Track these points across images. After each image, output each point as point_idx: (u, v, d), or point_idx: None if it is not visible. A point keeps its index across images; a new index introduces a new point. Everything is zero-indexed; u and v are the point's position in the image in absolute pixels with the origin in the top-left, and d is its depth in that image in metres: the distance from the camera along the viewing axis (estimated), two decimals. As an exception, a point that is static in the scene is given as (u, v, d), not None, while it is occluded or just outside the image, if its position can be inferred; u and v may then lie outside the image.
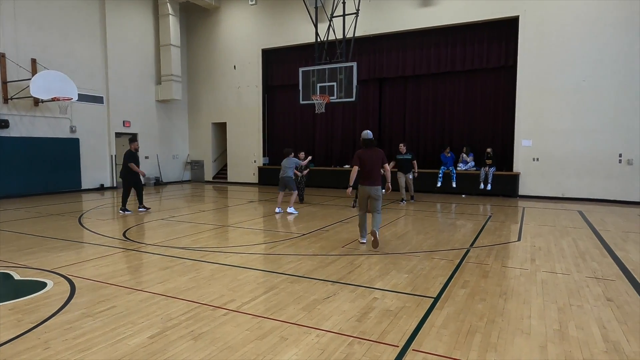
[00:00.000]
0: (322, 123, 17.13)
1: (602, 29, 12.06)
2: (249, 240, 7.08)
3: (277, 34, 17.07)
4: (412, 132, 15.67)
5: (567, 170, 12.70)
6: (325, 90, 12.40)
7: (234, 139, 18.54)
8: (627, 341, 3.38)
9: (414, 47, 14.96)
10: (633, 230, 8.07)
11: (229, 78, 18.41)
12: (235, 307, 4.05)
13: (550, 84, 12.78)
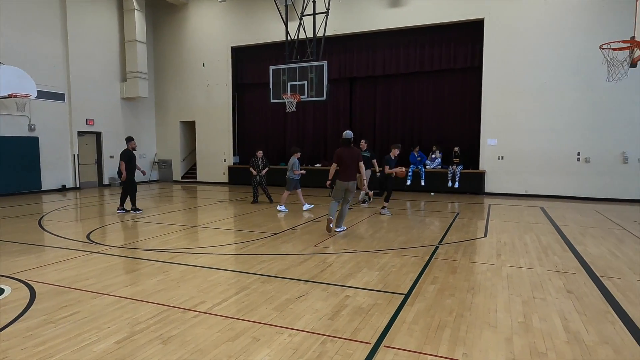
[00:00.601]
0: (293, 122, 17.09)
1: (563, 33, 12.58)
2: (220, 241, 6.98)
3: (247, 31, 16.89)
4: (382, 131, 15.86)
5: (530, 168, 13.18)
6: (296, 89, 12.38)
7: (204, 137, 18.22)
8: (586, 331, 3.54)
9: (384, 47, 15.14)
10: (590, 225, 8.46)
11: (198, 76, 18.07)
12: (206, 308, 3.98)
13: (514, 85, 13.22)
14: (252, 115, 17.77)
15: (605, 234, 7.58)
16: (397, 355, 3.10)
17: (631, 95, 11.89)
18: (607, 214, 9.85)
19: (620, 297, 4.37)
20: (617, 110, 12.15)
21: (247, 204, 11.31)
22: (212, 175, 18.13)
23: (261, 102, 16.63)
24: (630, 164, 12.16)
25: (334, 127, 16.54)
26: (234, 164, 17.62)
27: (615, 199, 12.27)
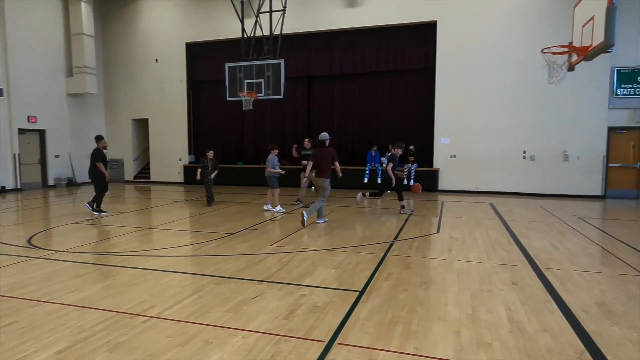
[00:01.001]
0: (250, 120, 16.88)
1: (509, 38, 13.20)
2: (173, 242, 6.78)
3: (202, 27, 16.49)
4: (340, 130, 15.99)
5: (480, 165, 13.75)
6: (253, 86, 12.24)
7: (157, 136, 17.63)
8: (528, 320, 3.73)
9: (341, 46, 15.26)
10: (535, 220, 8.95)
11: (151, 72, 17.45)
12: (156, 313, 3.85)
13: (465, 86, 13.74)
14: (209, 113, 17.39)
15: (547, 228, 8.03)
16: (350, 352, 3.14)
17: (571, 97, 12.67)
18: (549, 209, 10.45)
19: (559, 286, 4.64)
20: (558, 111, 12.92)
21: (204, 204, 11.04)
22: (166, 175, 17.58)
23: (218, 100, 16.28)
24: (570, 161, 12.96)
25: (292, 126, 16.51)
26: (189, 163, 17.17)
27: (557, 195, 13.05)
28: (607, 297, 4.34)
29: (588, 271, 5.25)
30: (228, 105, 15.44)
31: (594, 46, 6.02)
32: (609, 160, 12.96)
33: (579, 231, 7.78)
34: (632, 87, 12.55)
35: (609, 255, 6.09)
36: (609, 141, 12.88)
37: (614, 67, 12.57)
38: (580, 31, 6.68)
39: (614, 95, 12.68)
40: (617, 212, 10.52)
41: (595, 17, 6.02)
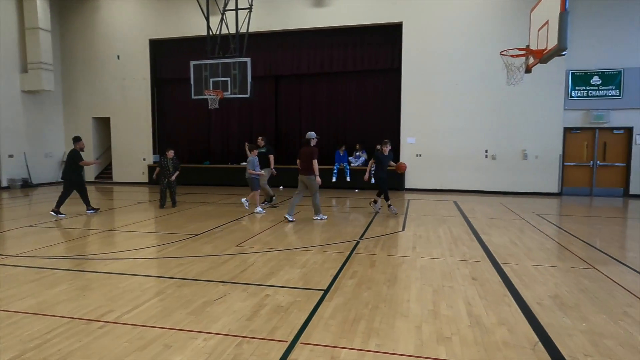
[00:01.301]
0: (217, 119, 16.62)
1: (471, 40, 13.58)
2: (135, 245, 6.58)
3: (166, 24, 16.09)
4: (308, 129, 15.93)
5: (445, 164, 14.08)
6: (219, 85, 12.06)
7: (120, 135, 17.07)
8: (486, 314, 3.85)
9: (309, 46, 15.26)
10: (496, 217, 9.25)
11: (113, 69, 16.87)
12: (113, 318, 3.72)
13: (430, 86, 14.03)
14: (174, 111, 16.99)
15: (507, 225, 8.32)
16: (312, 351, 3.14)
17: (529, 98, 13.17)
18: (510, 206, 10.83)
19: (516, 281, 4.81)
20: (518, 112, 13.41)
21: (168, 204, 10.77)
22: (129, 175, 17.05)
23: (183, 98, 15.92)
24: (529, 160, 13.48)
25: (260, 125, 16.37)
26: (154, 163, 16.71)
27: (517, 192, 13.54)
28: (561, 290, 4.53)
29: (544, 265, 5.47)
30: (194, 104, 15.15)
31: (549, 49, 6.28)
32: (564, 159, 13.57)
33: (537, 227, 8.09)
34: (586, 89, 13.18)
35: (564, 250, 6.37)
36: (564, 141, 13.48)
37: (569, 70, 13.16)
38: (536, 35, 6.96)
39: (569, 97, 13.28)
40: (572, 208, 11.02)
41: (549, 21, 6.28)
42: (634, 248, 6.79)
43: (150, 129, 16.77)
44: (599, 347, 3.21)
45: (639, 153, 13.02)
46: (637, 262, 5.73)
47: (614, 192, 13.39)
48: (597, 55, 13.01)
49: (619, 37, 12.83)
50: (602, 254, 6.08)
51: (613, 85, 12.98)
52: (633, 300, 4.21)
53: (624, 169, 13.34)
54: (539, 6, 6.97)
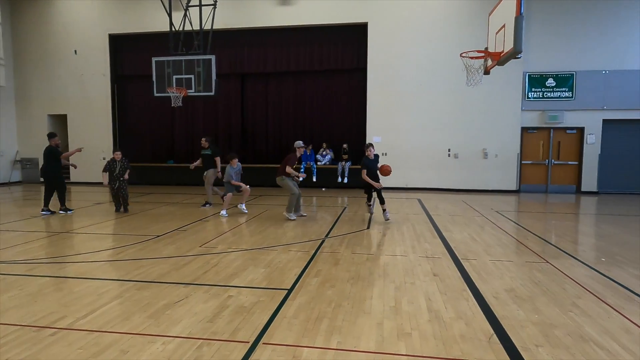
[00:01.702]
0: (181, 118, 16.25)
1: (434, 41, 13.89)
2: (93, 247, 6.33)
3: (127, 19, 15.56)
4: (275, 128, 15.92)
5: (409, 163, 14.34)
6: (182, 82, 11.79)
7: (78, 133, 16.36)
8: (445, 309, 3.95)
9: (275, 44, 15.16)
10: (458, 214, 9.52)
11: (69, 64, 16.16)
12: (67, 324, 3.57)
13: (394, 86, 14.25)
14: (136, 109, 16.47)
15: (468, 221, 8.58)
16: (274, 351, 3.12)
17: (489, 99, 13.62)
18: (471, 204, 11.17)
19: (475, 276, 4.97)
20: (478, 112, 13.83)
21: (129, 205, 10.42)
22: (88, 175, 16.36)
23: (145, 95, 15.43)
24: (489, 159, 13.95)
25: (225, 123, 16.14)
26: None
27: (478, 190, 13.98)
28: (515, 283, 4.72)
29: (501, 260, 5.67)
30: (157, 101, 14.73)
31: (506, 52, 6.51)
32: (522, 158, 14.13)
33: (496, 224, 8.39)
34: (541, 91, 13.77)
35: (520, 245, 6.64)
36: (522, 140, 14.04)
37: (526, 72, 13.70)
38: (494, 38, 7.20)
39: (526, 98, 13.82)
40: (529, 205, 11.50)
41: (506, 25, 6.51)
42: (585, 242, 7.17)
43: (110, 126, 16.18)
44: (549, 337, 3.37)
45: (590, 152, 13.73)
46: (587, 255, 6.05)
47: (568, 189, 14.06)
48: (552, 58, 13.61)
49: (572, 42, 13.47)
50: (555, 249, 6.37)
51: (566, 87, 13.62)
52: (582, 292, 4.44)
53: (577, 167, 14.03)
54: (496, 10, 7.21)
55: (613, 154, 13.65)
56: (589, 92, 13.47)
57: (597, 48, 13.37)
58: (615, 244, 6.70)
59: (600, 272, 5.17)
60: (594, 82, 13.42)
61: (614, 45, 13.28)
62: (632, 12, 13.13)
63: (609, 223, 8.74)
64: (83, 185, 15.87)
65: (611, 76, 13.33)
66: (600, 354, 3.10)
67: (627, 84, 13.21)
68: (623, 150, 13.68)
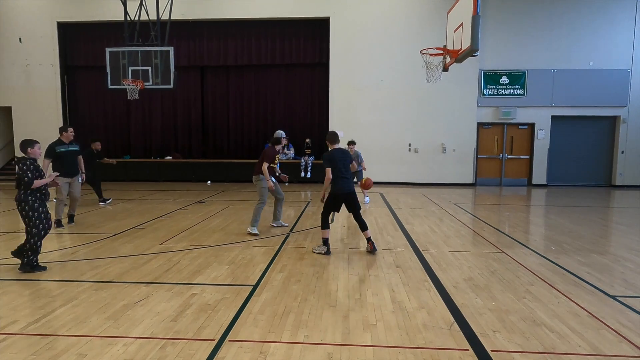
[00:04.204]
0: (138, 111, 15.67)
1: (394, 38, 14.12)
2: (44, 247, 5.97)
3: (77, 6, 14.75)
4: (237, 122, 15.68)
5: (372, 157, 14.46)
6: (139, 74, 11.37)
7: (24, 127, 15.37)
8: (408, 299, 4.06)
9: (236, 37, 14.89)
10: (418, 207, 9.77)
11: (13, 53, 15.15)
12: (17, 329, 3.37)
13: (356, 82, 14.39)
14: (88, 102, 15.71)
15: (428, 214, 8.83)
16: (241, 347, 3.10)
17: (447, 95, 14.03)
18: (430, 197, 11.50)
19: (435, 266, 5.13)
20: (437, 108, 14.23)
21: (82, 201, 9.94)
22: (37, 171, 15.48)
23: (99, 87, 14.77)
24: (447, 153, 14.40)
25: (184, 117, 15.73)
26: (66, 158, 15.33)
27: (437, 183, 14.41)
28: (473, 273, 4.92)
29: (459, 251, 5.89)
30: (111, 94, 14.18)
31: (463, 50, 6.73)
32: (478, 152, 14.69)
33: (454, 216, 8.69)
34: (496, 88, 14.34)
35: (477, 236, 6.91)
36: (478, 135, 14.58)
37: (482, 70, 14.22)
38: (452, 36, 7.42)
39: (481, 95, 14.36)
40: (485, 197, 11.99)
41: (463, 23, 6.72)
42: (535, 232, 7.56)
43: (59, 120, 15.32)
44: (505, 323, 3.54)
45: (540, 147, 14.47)
46: (538, 245, 6.39)
47: (520, 182, 14.77)
48: (505, 56, 14.20)
49: (524, 41, 14.10)
50: (509, 239, 6.69)
51: (518, 85, 14.26)
52: (534, 279, 4.69)
53: (528, 161, 14.76)
54: (454, 8, 7.42)
55: (561, 149, 14.47)
56: (539, 89, 14.17)
57: (546, 48, 14.07)
58: (563, 233, 7.12)
59: (550, 259, 5.47)
60: (543, 80, 14.13)
61: (562, 45, 14.02)
62: (578, 14, 13.90)
63: (557, 214, 9.26)
64: (31, 182, 14.97)
65: (559, 75, 14.08)
66: (552, 337, 3.30)
67: (574, 83, 14.01)
68: (570, 145, 14.52)
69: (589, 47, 13.95)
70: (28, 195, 4.76)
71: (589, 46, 13.95)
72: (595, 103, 14.06)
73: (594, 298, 4.13)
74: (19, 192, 4.76)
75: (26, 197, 4.75)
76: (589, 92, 13.98)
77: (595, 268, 5.12)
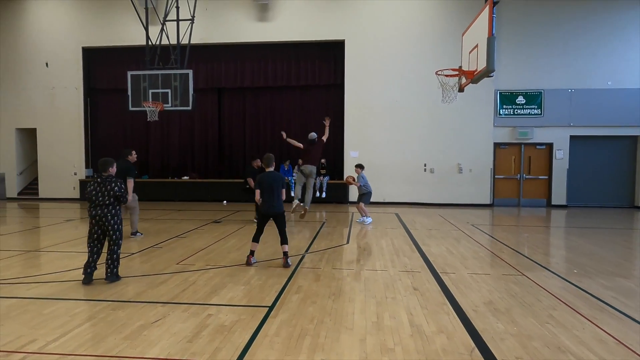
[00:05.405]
0: (156, 132, 16.01)
1: (409, 59, 14.25)
2: (63, 266, 6.09)
3: (101, 32, 15.34)
4: (252, 143, 15.87)
5: (386, 177, 14.51)
6: (159, 97, 11.65)
7: (47, 147, 15.87)
8: (427, 323, 3.98)
9: (252, 59, 15.23)
10: (434, 228, 9.65)
11: (40, 77, 15.74)
12: (37, 348, 3.40)
13: (371, 102, 14.50)
14: (109, 123, 16.13)
15: (444, 235, 8.71)
16: (257, 370, 3.06)
17: (462, 115, 14.00)
18: (447, 217, 11.36)
19: (454, 289, 5.03)
20: (452, 128, 14.20)
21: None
22: (58, 191, 15.87)
23: (119, 109, 15.14)
24: (464, 173, 14.28)
25: (201, 138, 16.00)
26: (86, 177, 15.70)
27: (453, 204, 14.24)
28: (493, 296, 4.80)
29: (478, 273, 5.77)
30: (131, 115, 14.52)
31: (479, 70, 6.74)
32: (495, 172, 14.52)
33: (471, 237, 8.55)
34: (512, 108, 14.27)
35: (495, 258, 6.77)
36: (494, 155, 14.44)
37: (497, 90, 14.19)
38: (468, 57, 7.45)
39: (497, 115, 14.29)
40: (502, 218, 11.78)
41: (479, 45, 6.75)
42: (556, 254, 7.38)
43: (82, 141, 15.77)
44: (528, 349, 3.43)
45: (558, 167, 14.24)
46: (559, 267, 6.22)
47: (538, 202, 14.50)
48: (521, 76, 14.17)
49: (540, 61, 14.07)
50: (529, 261, 6.53)
51: (535, 105, 14.16)
52: (556, 303, 4.55)
53: (547, 182, 14.51)
54: (469, 30, 7.48)
55: (580, 169, 14.21)
56: (557, 109, 14.04)
57: (563, 67, 14.00)
58: (584, 256, 6.92)
59: (572, 283, 5.32)
60: (560, 100, 14.01)
61: (579, 65, 13.94)
62: (594, 34, 13.85)
63: (578, 235, 9.03)
64: (52, 202, 15.33)
65: (577, 94, 13.95)
66: (578, 365, 3.17)
67: (592, 102, 13.86)
68: (590, 165, 14.26)
69: (607, 66, 13.84)
70: (118, 210, 5.31)
71: (607, 66, 13.84)
72: (614, 122, 13.84)
73: (621, 324, 3.99)
74: (111, 208, 5.20)
75: (117, 211, 5.28)
76: (608, 111, 13.79)
77: (620, 292, 4.96)
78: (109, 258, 5.28)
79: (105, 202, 5.17)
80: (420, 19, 14.31)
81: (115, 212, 5.23)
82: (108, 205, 5.18)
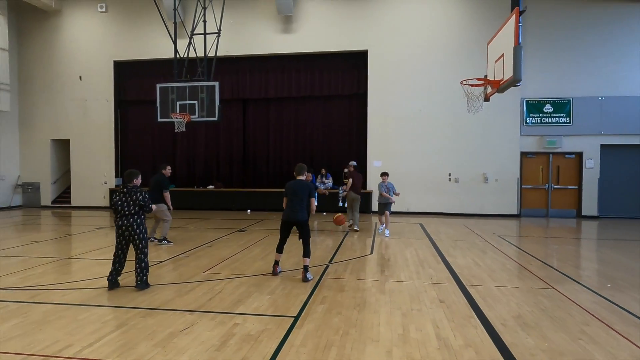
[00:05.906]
0: (183, 142, 16.39)
1: (433, 68, 14.19)
2: (95, 273, 6.30)
3: (131, 46, 15.91)
4: (276, 152, 16.06)
5: (410, 187, 14.40)
6: (186, 108, 11.95)
7: (80, 157, 16.47)
8: (454, 336, 3.93)
9: (276, 70, 15.47)
10: (460, 239, 9.51)
11: (73, 90, 16.40)
12: (73, 353, 3.54)
13: (394, 111, 14.47)
14: (138, 134, 16.63)
15: (470, 246, 8.57)
16: (284, 380, 3.09)
17: (488, 125, 13.81)
18: (472, 228, 11.17)
19: (481, 302, 4.95)
20: (478, 137, 14.01)
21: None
22: (90, 199, 16.41)
23: (148, 120, 15.66)
24: (489, 183, 14.03)
25: (227, 148, 16.29)
26: (116, 187, 16.19)
27: (479, 214, 14.00)
28: (522, 310, 4.70)
29: (506, 286, 5.66)
30: (159, 126, 14.93)
31: (505, 80, 6.67)
32: (522, 182, 14.21)
33: (498, 248, 8.38)
34: (539, 116, 13.98)
35: (524, 270, 6.62)
36: (521, 165, 14.15)
37: (524, 99, 13.95)
38: (493, 66, 7.39)
39: (524, 124, 14.02)
40: (530, 229, 11.50)
41: (505, 54, 6.70)
42: (588, 267, 7.15)
43: (112, 151, 16.30)
44: (559, 366, 3.34)
45: (589, 176, 13.83)
46: (591, 281, 6.04)
47: (568, 213, 14.09)
48: (549, 85, 13.89)
49: (568, 69, 13.78)
50: (559, 274, 6.36)
51: (563, 113, 13.84)
52: (589, 319, 4.42)
53: (577, 192, 14.10)
54: (495, 39, 7.42)
55: (612, 179, 13.76)
56: (586, 117, 13.68)
57: (592, 75, 13.67)
58: (617, 269, 6.70)
59: (605, 297, 5.15)
60: (590, 108, 13.66)
61: (608, 72, 13.58)
62: (624, 39, 13.49)
63: (610, 248, 8.74)
64: (84, 210, 15.86)
65: (607, 102, 13.57)
66: (613, 383, 3.08)
67: (624, 110, 13.45)
68: (622, 174, 13.79)
69: (638, 74, 13.42)
70: (143, 220, 5.52)
71: (638, 73, 13.42)
72: (648, 131, 13.39)
73: (659, 342, 3.84)
74: (136, 217, 5.41)
75: (142, 220, 5.48)
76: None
77: (657, 308, 4.77)
78: (137, 267, 5.45)
79: (131, 212, 5.38)
80: (445, 28, 14.26)
81: (140, 222, 5.44)
82: (133, 215, 5.39)
